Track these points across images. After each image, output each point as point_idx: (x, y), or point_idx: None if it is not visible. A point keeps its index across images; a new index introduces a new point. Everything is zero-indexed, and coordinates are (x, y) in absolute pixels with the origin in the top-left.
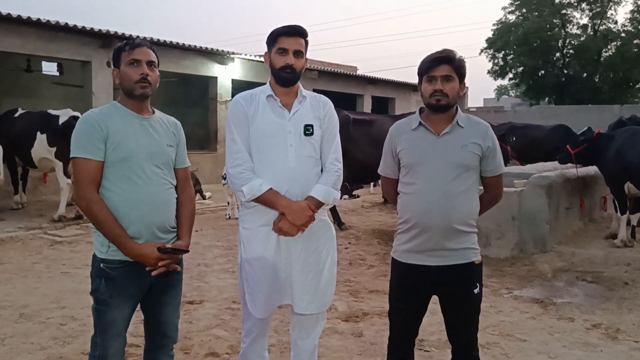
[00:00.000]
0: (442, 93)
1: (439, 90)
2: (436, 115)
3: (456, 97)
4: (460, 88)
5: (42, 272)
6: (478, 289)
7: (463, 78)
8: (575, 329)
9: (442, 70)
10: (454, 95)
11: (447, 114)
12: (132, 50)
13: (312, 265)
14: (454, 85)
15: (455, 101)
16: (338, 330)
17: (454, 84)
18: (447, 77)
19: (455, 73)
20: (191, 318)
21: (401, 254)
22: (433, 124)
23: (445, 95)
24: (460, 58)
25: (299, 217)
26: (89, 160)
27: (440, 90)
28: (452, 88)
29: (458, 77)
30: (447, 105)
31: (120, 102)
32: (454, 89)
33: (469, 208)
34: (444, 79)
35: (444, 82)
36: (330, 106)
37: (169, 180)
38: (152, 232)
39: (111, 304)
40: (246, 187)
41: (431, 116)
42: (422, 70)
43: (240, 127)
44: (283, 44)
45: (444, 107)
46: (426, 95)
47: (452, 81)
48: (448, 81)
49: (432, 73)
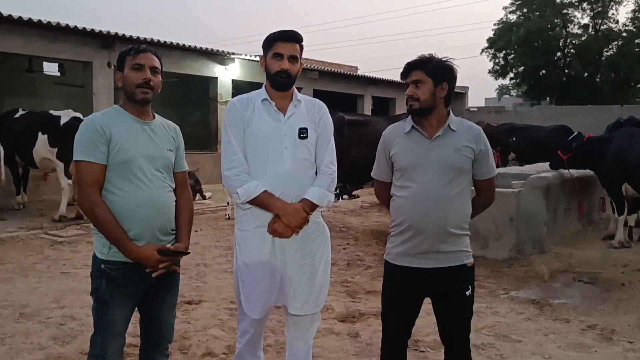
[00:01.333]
0: (413, 98)
1: (409, 95)
2: (426, 118)
3: (430, 99)
4: (440, 89)
5: (43, 272)
6: (470, 291)
7: (443, 79)
8: (570, 330)
9: (412, 76)
10: (426, 97)
11: (437, 118)
12: (137, 55)
13: (306, 266)
14: (425, 89)
15: (430, 104)
16: (334, 331)
17: (426, 87)
18: (416, 82)
19: (427, 76)
20: (189, 318)
21: (394, 257)
22: (425, 127)
23: (416, 100)
24: (437, 60)
25: (293, 219)
26: (92, 164)
27: (411, 96)
28: (424, 92)
29: (433, 79)
30: (419, 109)
31: (122, 106)
32: (426, 92)
33: (462, 211)
34: (413, 84)
35: (414, 87)
36: (324, 110)
37: (168, 184)
38: (153, 234)
39: (111, 304)
40: (241, 189)
41: (421, 120)
42: (401, 78)
43: (236, 129)
44: (278, 49)
45: (417, 112)
46: (405, 101)
47: (423, 85)
48: (418, 86)
49: (406, 80)
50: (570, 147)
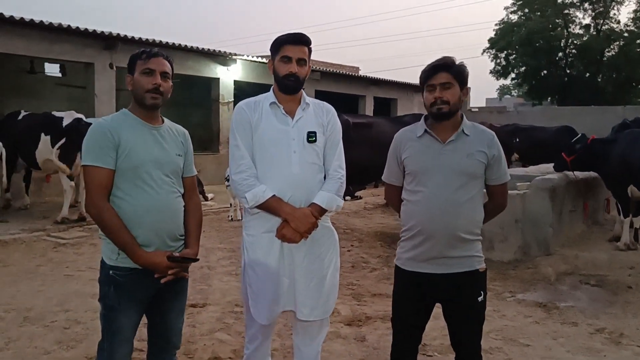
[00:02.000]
0: (442, 101)
1: (438, 98)
2: (441, 123)
3: (458, 103)
4: (463, 93)
5: (46, 275)
6: (482, 297)
7: (465, 83)
8: (579, 334)
9: (440, 78)
10: (454, 101)
11: (452, 122)
12: (148, 59)
13: (315, 271)
14: (453, 92)
15: (457, 108)
16: (341, 335)
17: (454, 90)
18: (445, 85)
19: (455, 79)
20: (194, 322)
21: (405, 262)
22: (438, 131)
23: (446, 103)
24: (461, 64)
25: (302, 224)
26: (100, 169)
27: (440, 98)
28: (452, 95)
29: (459, 83)
30: (448, 112)
31: (130, 110)
32: (455, 95)
33: (474, 216)
34: (442, 87)
35: (443, 89)
36: (333, 113)
37: (177, 189)
38: (161, 239)
39: (119, 310)
40: (250, 194)
41: (436, 124)
42: (422, 79)
43: (243, 133)
44: (287, 52)
45: (445, 115)
46: (427, 104)
47: (452, 88)
48: (447, 88)
49: (431, 82)
50: (574, 149)
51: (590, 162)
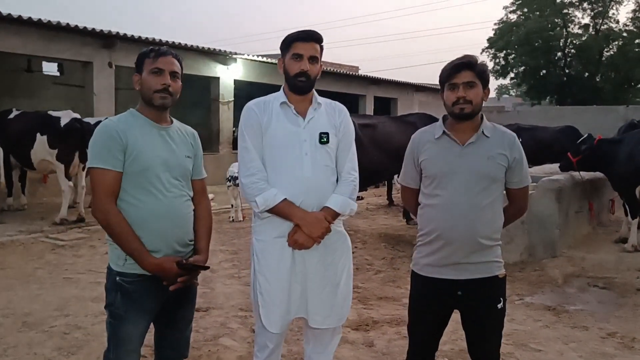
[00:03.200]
0: (465, 100)
1: (461, 97)
2: (461, 124)
3: (480, 104)
4: (485, 94)
5: (45, 278)
6: (502, 303)
7: (487, 83)
8: (590, 338)
9: (463, 76)
10: (478, 102)
11: (472, 123)
12: (157, 58)
13: (328, 278)
14: (477, 91)
15: (480, 108)
16: (349, 340)
17: (478, 90)
18: (469, 84)
19: (477, 79)
20: (198, 327)
21: (422, 267)
22: (457, 133)
23: (469, 103)
24: (483, 63)
25: (315, 228)
26: (107, 171)
27: (463, 98)
28: (476, 94)
29: (481, 82)
30: (471, 113)
31: (138, 110)
32: (478, 95)
33: (494, 221)
34: (466, 86)
35: (467, 88)
36: (345, 114)
37: (187, 192)
38: (170, 245)
39: (127, 318)
40: (260, 198)
41: (455, 125)
42: (443, 78)
43: (253, 135)
44: (298, 49)
45: (468, 115)
46: (449, 103)
47: (475, 87)
48: (471, 88)
49: (454, 80)
50: (580, 150)
51: (597, 162)
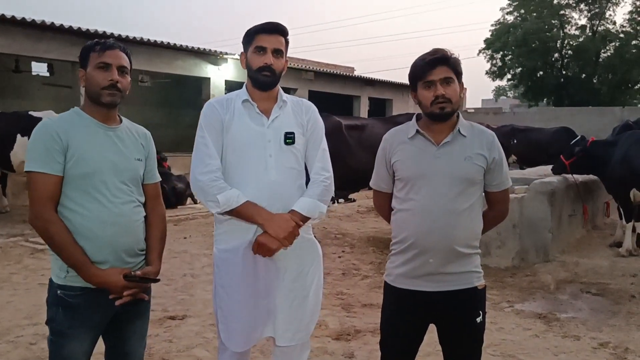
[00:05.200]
0: (444, 99)
1: (440, 95)
2: (436, 123)
3: (459, 101)
4: (460, 89)
5: (19, 284)
6: (481, 317)
7: (461, 78)
8: (581, 349)
9: (439, 72)
10: (457, 99)
11: (449, 122)
12: (103, 52)
13: (297, 290)
14: (455, 87)
15: (458, 105)
16: (328, 351)
17: (455, 86)
18: (447, 80)
19: (453, 73)
20: (171, 336)
21: (395, 278)
22: (433, 132)
23: (449, 101)
24: (455, 56)
25: (281, 229)
26: (46, 175)
27: (442, 96)
28: (454, 91)
29: (457, 77)
30: (451, 112)
31: (83, 109)
32: (456, 91)
33: (473, 227)
34: (443, 82)
35: (445, 85)
36: (313, 111)
37: (136, 198)
38: (118, 255)
39: (69, 335)
40: (222, 196)
41: (430, 124)
42: (416, 75)
43: (214, 132)
44: (261, 42)
45: (449, 115)
46: (426, 103)
47: (453, 83)
48: (449, 84)
49: (429, 77)
50: (573, 152)
51: (591, 165)
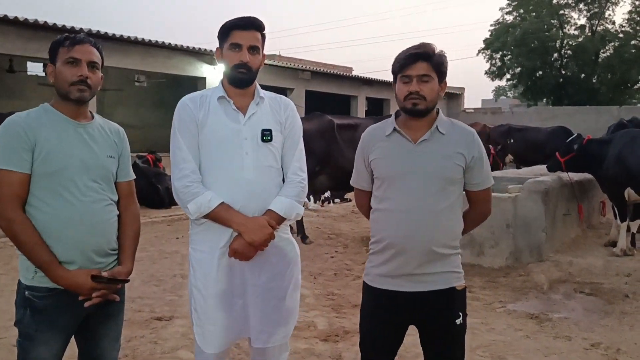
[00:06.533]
0: (418, 95)
1: (414, 92)
2: (414, 120)
3: (436, 99)
4: (441, 88)
5: (6, 285)
6: (461, 319)
7: (444, 77)
8: (573, 350)
9: (418, 68)
10: (433, 97)
11: (427, 119)
12: (72, 46)
13: (274, 291)
14: (432, 86)
15: (435, 104)
16: (315, 352)
17: (433, 84)
18: (423, 77)
19: (434, 71)
20: (157, 337)
21: (374, 279)
22: (410, 130)
23: (423, 98)
24: (440, 53)
25: (257, 235)
26: (12, 173)
27: (417, 92)
28: (431, 90)
29: (437, 75)
30: (425, 110)
31: (53, 105)
32: (433, 90)
33: (452, 228)
34: (420, 80)
35: (421, 83)
36: (292, 108)
37: (108, 196)
38: (87, 256)
39: (37, 338)
40: (192, 204)
41: (408, 121)
42: (395, 68)
43: (187, 133)
44: (236, 38)
45: (421, 112)
46: (401, 97)
47: (431, 82)
48: (425, 82)
49: (407, 72)
50: (569, 150)
51: (586, 163)
